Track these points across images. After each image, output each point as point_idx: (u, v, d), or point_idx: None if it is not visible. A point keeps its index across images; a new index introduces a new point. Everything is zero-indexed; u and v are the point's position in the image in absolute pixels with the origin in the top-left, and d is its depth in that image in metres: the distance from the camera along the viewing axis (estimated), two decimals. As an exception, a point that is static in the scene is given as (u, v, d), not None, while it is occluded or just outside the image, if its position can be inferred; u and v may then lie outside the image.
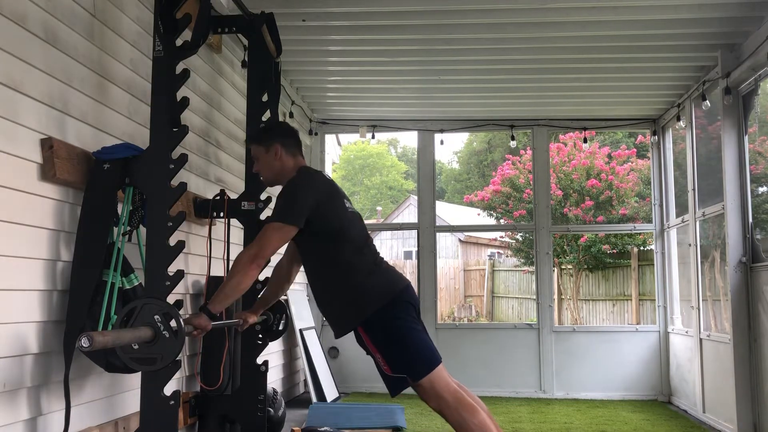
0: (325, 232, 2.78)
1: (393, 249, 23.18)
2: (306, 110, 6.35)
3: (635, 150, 13.11)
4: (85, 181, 2.69)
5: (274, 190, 5.36)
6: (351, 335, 2.84)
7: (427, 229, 6.67)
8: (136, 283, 2.80)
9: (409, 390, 2.79)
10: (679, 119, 5.70)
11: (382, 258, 2.96)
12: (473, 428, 2.64)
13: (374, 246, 2.96)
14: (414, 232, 6.99)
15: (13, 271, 2.36)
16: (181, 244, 2.67)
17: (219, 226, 3.79)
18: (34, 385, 2.45)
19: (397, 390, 2.78)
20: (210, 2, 2.96)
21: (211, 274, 3.66)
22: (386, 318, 2.76)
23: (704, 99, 5.00)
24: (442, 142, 6.63)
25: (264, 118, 3.63)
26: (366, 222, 3.67)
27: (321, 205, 2.76)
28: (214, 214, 3.68)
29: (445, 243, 20.55)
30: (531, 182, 7.90)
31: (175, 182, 2.69)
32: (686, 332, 5.69)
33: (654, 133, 6.42)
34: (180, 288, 3.60)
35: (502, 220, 13.88)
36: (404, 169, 34.62)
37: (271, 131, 3.08)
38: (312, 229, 2.75)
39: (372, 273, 2.82)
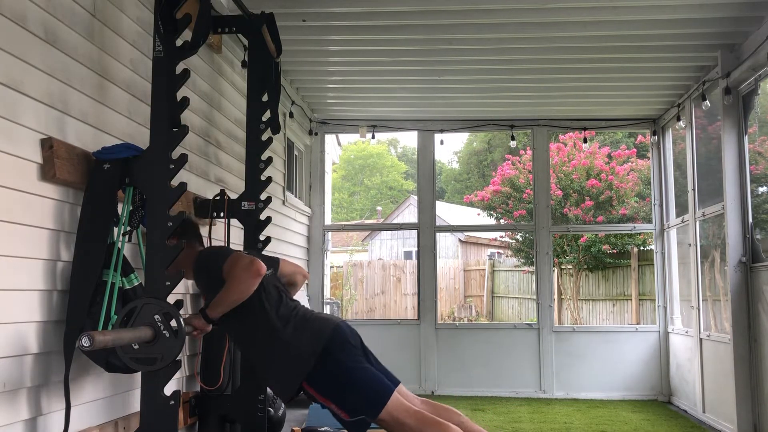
0: (239, 306, 2.78)
1: (393, 249, 23.18)
2: (306, 110, 6.35)
3: (635, 150, 13.10)
4: (85, 181, 2.69)
5: (275, 190, 5.35)
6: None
7: (427, 229, 6.67)
8: (136, 283, 2.80)
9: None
10: (679, 119, 5.70)
11: (303, 308, 2.95)
12: None
13: (291, 300, 2.97)
14: (414, 232, 7.00)
15: (13, 271, 2.36)
16: (181, 244, 2.67)
17: (219, 226, 3.79)
18: (34, 385, 2.45)
19: (361, 431, 2.75)
20: (210, 2, 2.95)
21: (211, 274, 3.66)
22: (325, 367, 2.74)
23: (704, 99, 5.00)
24: (442, 142, 6.63)
25: (264, 118, 3.63)
26: (366, 222, 3.67)
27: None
28: (214, 214, 3.67)
29: (445, 243, 20.54)
30: (531, 182, 7.90)
31: (175, 182, 2.69)
32: (686, 332, 5.69)
33: (654, 133, 6.42)
34: (180, 288, 3.60)
35: (502, 220, 13.87)
36: (404, 169, 34.61)
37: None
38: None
39: (297, 327, 2.82)
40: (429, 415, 2.69)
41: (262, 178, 3.61)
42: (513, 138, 6.58)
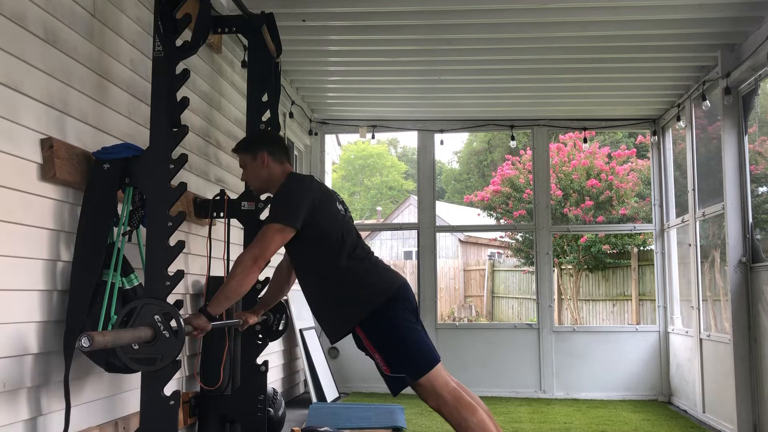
0: (319, 236, 2.77)
1: (393, 249, 23.18)
2: (306, 110, 6.35)
3: (635, 150, 13.11)
4: (85, 181, 2.69)
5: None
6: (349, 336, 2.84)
7: (427, 229, 6.67)
8: (136, 283, 2.80)
9: (409, 390, 2.78)
10: (679, 119, 5.70)
11: (377, 257, 2.95)
12: (472, 427, 2.64)
13: (367, 246, 2.95)
14: (414, 232, 6.99)
15: (13, 271, 2.36)
16: (181, 244, 2.67)
17: (219, 226, 3.79)
18: (34, 385, 2.45)
19: (397, 389, 2.77)
20: (210, 2, 2.95)
21: (211, 274, 3.66)
22: (383, 318, 2.75)
23: (704, 99, 5.00)
24: (442, 142, 6.63)
25: (264, 118, 3.63)
26: (366, 222, 3.68)
27: (315, 208, 2.77)
28: (214, 214, 3.67)
29: (445, 243, 20.55)
30: (531, 182, 7.90)
31: (175, 182, 2.69)
32: (686, 332, 5.69)
33: (654, 133, 6.42)
34: (180, 288, 3.60)
35: (502, 220, 13.88)
36: (404, 169, 34.62)
37: (257, 139, 3.10)
38: (305, 232, 2.75)
39: (367, 273, 2.81)
40: (465, 396, 2.73)
41: (262, 178, 3.60)
42: (513, 138, 6.58)
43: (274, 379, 5.11)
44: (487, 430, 2.66)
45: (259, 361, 3.48)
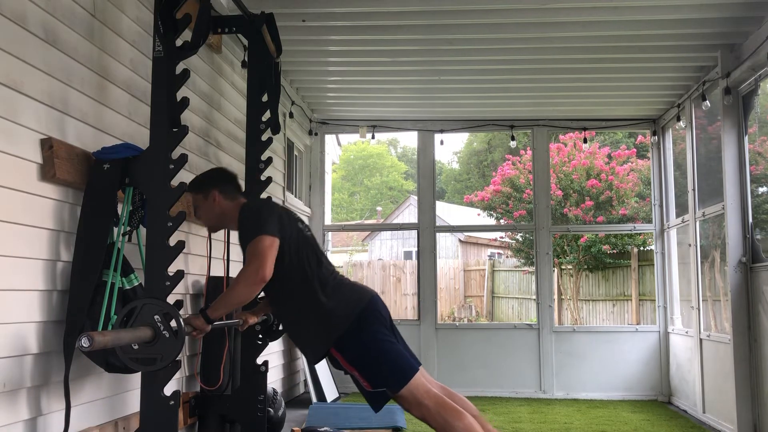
0: (286, 256, 2.77)
1: (393, 249, 23.18)
2: (306, 110, 6.35)
3: (635, 150, 13.10)
4: (85, 181, 2.69)
5: (275, 191, 5.35)
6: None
7: (427, 229, 6.67)
8: (136, 283, 2.80)
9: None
10: (679, 119, 5.70)
11: (342, 276, 2.95)
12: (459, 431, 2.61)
13: (332, 266, 2.95)
14: (414, 232, 7.00)
15: (13, 271, 2.36)
16: (181, 244, 2.67)
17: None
18: (34, 385, 2.45)
19: (379, 404, 2.76)
20: (210, 2, 2.96)
21: (211, 274, 3.66)
22: (356, 335, 2.74)
23: (704, 99, 5.00)
24: (442, 142, 6.63)
25: (264, 118, 3.63)
26: (366, 222, 3.68)
27: (281, 225, 2.77)
28: (214, 214, 3.67)
29: (445, 243, 20.54)
30: (531, 182, 7.90)
31: (175, 182, 2.69)
32: (686, 332, 5.69)
33: (654, 133, 6.42)
34: (180, 288, 3.60)
35: (502, 221, 13.87)
36: (404, 169, 34.62)
37: (207, 178, 3.05)
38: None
39: (334, 294, 2.81)
40: (448, 400, 2.71)
41: (262, 178, 3.61)
42: (513, 138, 6.58)
43: (274, 379, 5.11)
44: None
45: (259, 361, 3.48)
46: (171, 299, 2.57)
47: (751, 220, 4.55)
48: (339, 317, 2.75)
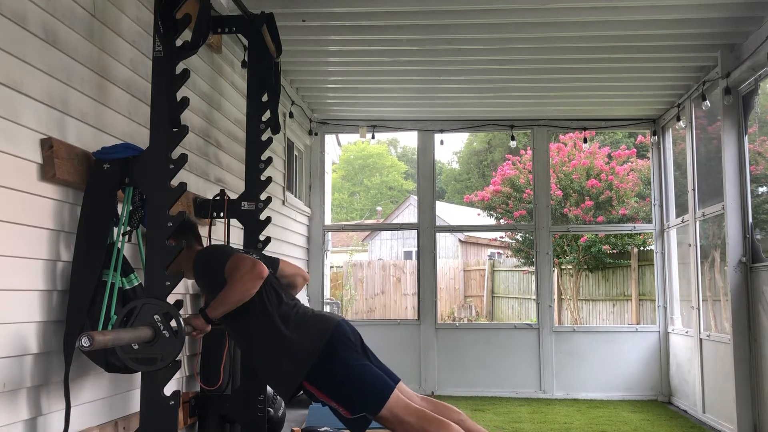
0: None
1: (393, 249, 23.18)
2: (306, 110, 6.35)
3: (635, 150, 13.10)
4: (85, 181, 2.69)
5: (275, 191, 5.35)
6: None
7: (427, 229, 6.67)
8: (136, 283, 2.80)
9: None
10: (679, 119, 5.70)
11: (303, 306, 2.95)
12: None
13: (291, 299, 2.96)
14: (414, 232, 7.00)
15: (13, 271, 2.36)
16: (181, 244, 2.67)
17: (219, 226, 3.79)
18: (34, 385, 2.45)
19: (362, 429, 2.74)
20: (210, 2, 2.96)
21: (211, 274, 3.66)
22: (327, 365, 2.74)
23: (704, 99, 5.00)
24: (442, 142, 6.63)
25: (264, 118, 3.63)
26: (366, 222, 3.67)
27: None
28: (214, 214, 3.67)
29: (445, 243, 20.54)
30: (531, 182, 7.90)
31: (175, 182, 2.69)
32: (686, 332, 5.69)
33: (654, 133, 6.42)
34: (180, 288, 3.60)
35: (502, 220, 13.87)
36: (404, 169, 34.62)
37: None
38: None
39: (299, 324, 2.81)
40: (429, 412, 2.69)
41: (262, 178, 3.61)
42: (513, 138, 6.58)
43: (274, 379, 5.10)
44: None
45: (259, 361, 3.47)
46: (171, 299, 2.57)
47: (751, 220, 4.55)
48: (306, 350, 2.75)
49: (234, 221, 3.71)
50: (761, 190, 6.27)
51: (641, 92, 5.83)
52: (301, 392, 2.83)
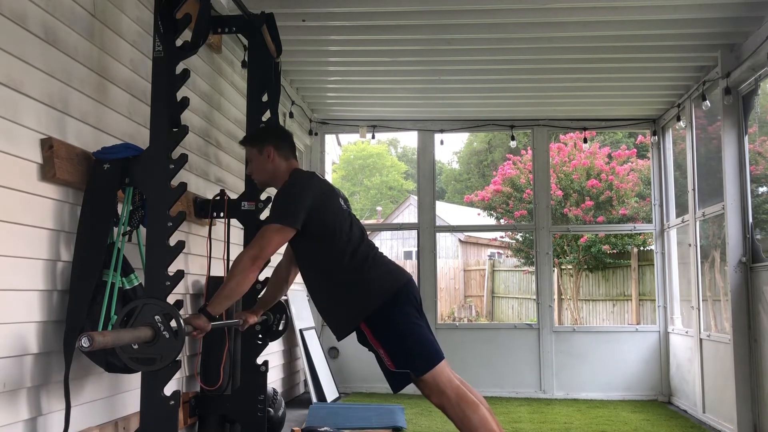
0: (322, 234, 2.78)
1: (393, 249, 23.18)
2: (306, 110, 6.35)
3: (635, 150, 13.11)
4: (85, 181, 2.69)
5: (275, 191, 5.34)
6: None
7: (427, 229, 6.67)
8: (136, 283, 2.80)
9: (409, 390, 2.78)
10: (679, 119, 5.70)
11: (381, 253, 2.95)
12: (475, 424, 2.64)
13: (371, 242, 2.96)
14: (414, 232, 7.00)
15: (13, 271, 2.36)
16: (181, 244, 2.67)
17: (219, 226, 3.79)
18: (34, 385, 2.45)
19: (399, 386, 2.77)
20: (210, 2, 2.96)
21: (211, 274, 3.66)
22: (388, 313, 2.75)
23: (704, 99, 5.00)
24: (442, 142, 6.63)
25: (264, 118, 3.63)
26: (366, 222, 3.68)
27: (317, 206, 2.77)
28: (214, 214, 3.67)
29: (445, 243, 20.55)
30: (531, 182, 7.90)
31: (175, 182, 2.69)
32: (686, 332, 5.69)
33: (654, 133, 6.42)
34: (180, 288, 3.60)
35: (502, 220, 13.88)
36: (404, 169, 34.62)
37: (264, 133, 3.11)
38: (308, 230, 2.75)
39: (372, 269, 2.81)
40: (468, 394, 2.72)
41: (262, 178, 3.60)
42: (513, 138, 6.58)
43: (274, 379, 5.11)
44: (489, 427, 2.65)
45: (259, 361, 3.48)
46: (171, 299, 2.57)
47: (751, 220, 4.55)
48: (376, 291, 2.75)
49: (234, 221, 3.71)
50: (761, 190, 6.27)
51: (641, 92, 5.83)
52: (353, 331, 2.82)
